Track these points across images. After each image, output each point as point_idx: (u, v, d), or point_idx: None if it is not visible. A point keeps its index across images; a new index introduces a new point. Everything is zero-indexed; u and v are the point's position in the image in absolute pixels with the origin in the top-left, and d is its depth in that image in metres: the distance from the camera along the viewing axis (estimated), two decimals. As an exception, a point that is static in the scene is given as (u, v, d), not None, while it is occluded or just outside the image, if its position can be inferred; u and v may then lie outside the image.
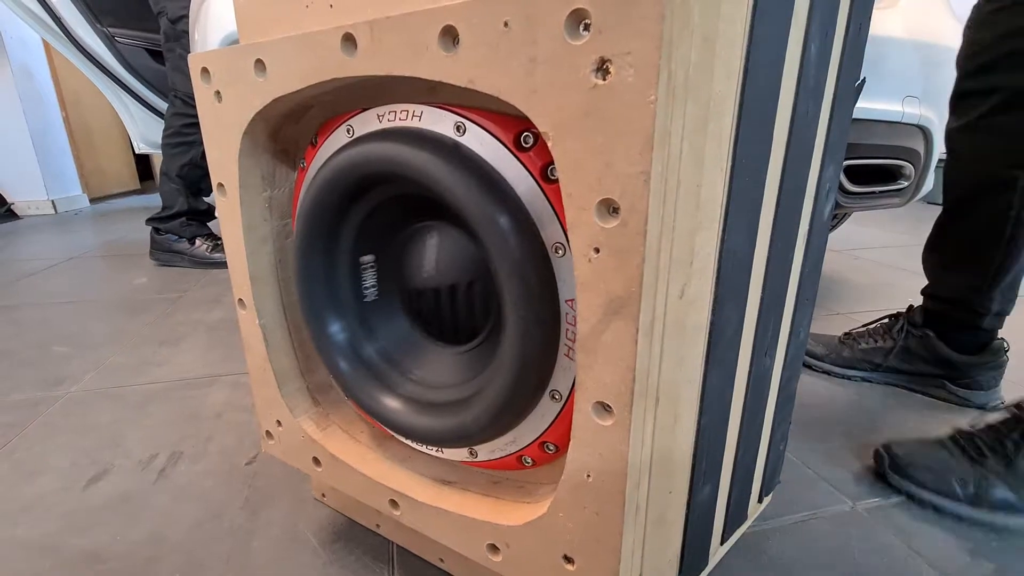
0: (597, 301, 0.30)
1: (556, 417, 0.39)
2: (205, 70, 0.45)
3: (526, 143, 0.34)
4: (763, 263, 0.44)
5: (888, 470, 0.67)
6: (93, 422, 0.87)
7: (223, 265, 1.79)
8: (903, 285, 1.54)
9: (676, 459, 0.40)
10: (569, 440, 0.36)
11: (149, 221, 1.80)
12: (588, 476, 0.34)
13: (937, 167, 1.40)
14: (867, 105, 1.07)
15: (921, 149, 1.23)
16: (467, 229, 0.42)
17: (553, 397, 0.39)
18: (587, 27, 0.26)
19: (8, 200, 2.90)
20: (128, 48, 2.08)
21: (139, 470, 0.75)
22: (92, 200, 3.33)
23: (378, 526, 0.61)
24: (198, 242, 1.79)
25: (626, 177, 0.27)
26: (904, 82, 1.12)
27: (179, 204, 1.76)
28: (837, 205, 1.18)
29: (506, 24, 0.28)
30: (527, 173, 0.35)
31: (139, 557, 0.60)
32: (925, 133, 1.21)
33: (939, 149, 1.27)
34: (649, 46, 0.25)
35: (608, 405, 0.32)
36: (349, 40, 0.35)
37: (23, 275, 1.76)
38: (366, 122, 0.42)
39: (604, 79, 0.26)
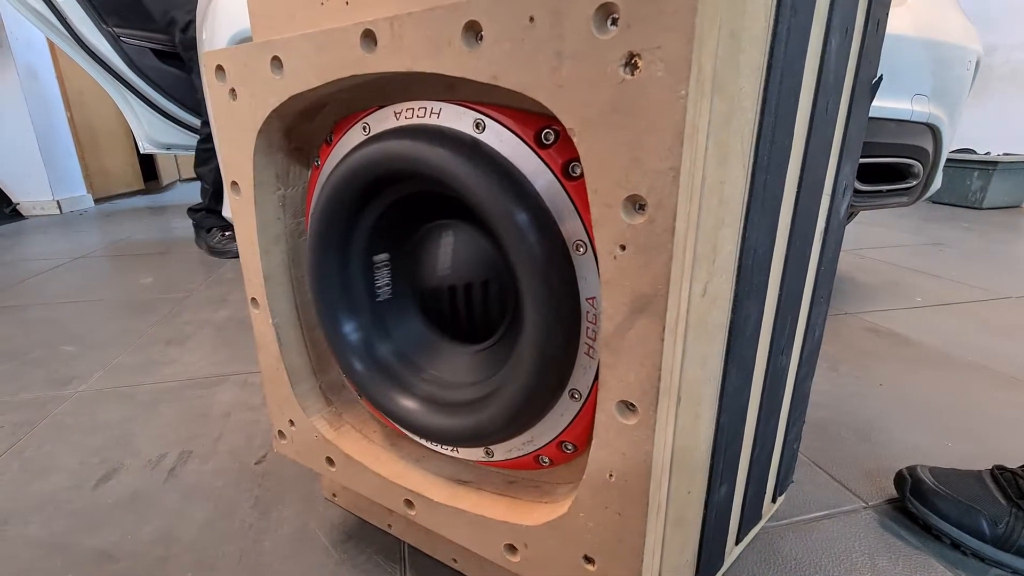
0: (622, 299, 0.30)
1: (575, 416, 0.39)
2: (220, 67, 0.45)
3: (547, 140, 0.34)
4: (781, 260, 0.44)
5: (908, 495, 0.62)
6: (102, 421, 0.87)
7: (230, 255, 1.91)
8: (909, 284, 1.53)
9: (695, 459, 0.40)
10: (588, 439, 0.36)
11: (188, 211, 2.03)
12: (610, 476, 0.34)
13: (945, 166, 1.39)
14: (876, 103, 1.07)
15: (930, 148, 1.22)
16: (484, 227, 0.42)
17: (572, 396, 0.38)
18: (615, 21, 0.26)
19: (13, 200, 2.90)
20: (133, 48, 2.08)
21: (149, 469, 0.75)
22: (97, 200, 3.34)
23: (390, 526, 0.61)
24: (213, 232, 1.96)
25: (654, 173, 0.27)
26: (913, 80, 1.11)
27: (206, 200, 1.95)
28: (845, 204, 1.17)
29: (531, 19, 0.28)
30: (548, 170, 0.34)
31: (150, 556, 0.59)
32: (934, 131, 1.20)
33: (948, 148, 1.27)
34: (681, 40, 0.24)
35: (632, 404, 0.32)
36: (369, 36, 0.35)
37: (29, 275, 1.76)
38: (383, 119, 0.41)
39: (632, 74, 0.26)
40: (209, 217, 1.95)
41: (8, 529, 0.64)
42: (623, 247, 0.29)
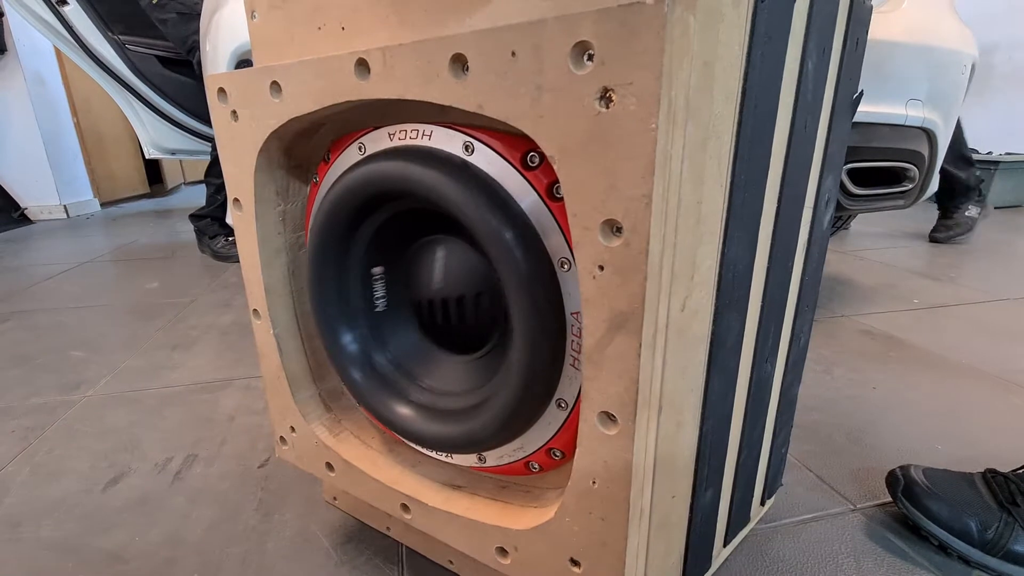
0: (601, 316, 0.32)
1: (562, 425, 0.40)
2: (222, 90, 0.47)
3: (532, 162, 0.36)
4: (763, 273, 0.45)
5: (900, 495, 0.62)
6: (110, 425, 0.89)
7: (234, 259, 1.93)
8: (906, 286, 1.54)
9: (679, 465, 0.41)
10: (575, 446, 0.37)
11: (191, 217, 2.06)
12: (594, 483, 0.36)
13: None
14: (871, 108, 1.08)
15: (925, 152, 1.23)
16: (475, 243, 0.44)
17: (559, 405, 0.40)
18: (591, 57, 0.28)
19: (21, 205, 2.94)
20: (138, 55, 2.11)
21: (156, 473, 0.77)
22: (103, 204, 3.38)
23: (388, 528, 0.63)
24: (217, 237, 2.00)
25: (629, 199, 0.28)
26: (907, 85, 1.12)
27: (211, 209, 1.99)
28: (841, 208, 1.18)
29: (513, 54, 0.30)
30: (533, 191, 0.36)
31: (158, 558, 0.62)
32: (929, 136, 1.21)
33: (944, 151, 1.28)
34: (649, 77, 0.26)
35: (613, 415, 0.33)
36: (362, 65, 0.37)
37: (38, 280, 1.79)
38: (377, 140, 0.43)
39: (607, 107, 0.28)
40: (213, 224, 1.99)
41: (22, 531, 0.66)
42: (601, 267, 0.31)
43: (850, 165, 1.15)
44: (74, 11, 1.98)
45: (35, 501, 0.71)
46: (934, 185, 1.33)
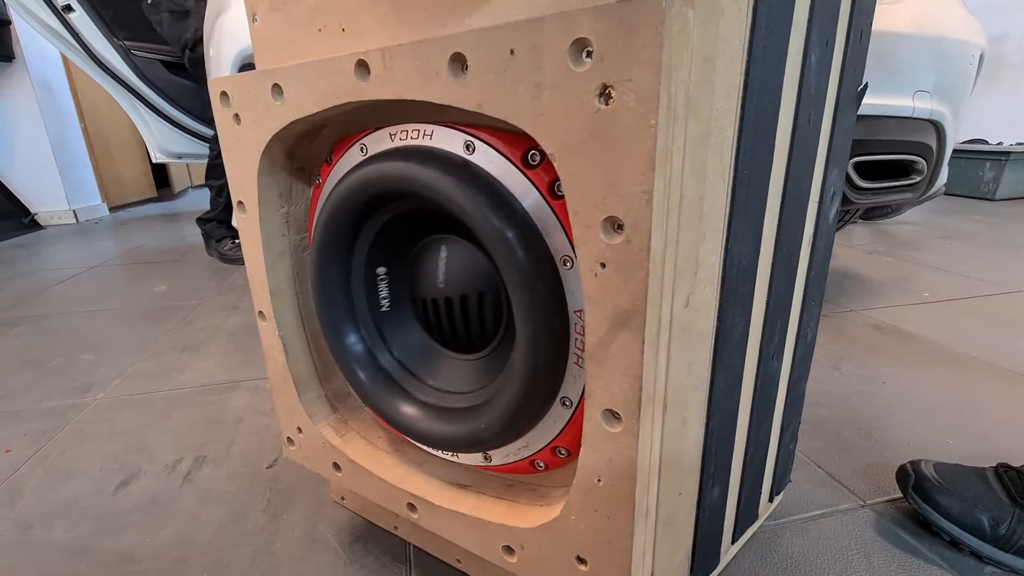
0: (604, 314, 0.32)
1: (567, 423, 0.40)
2: (224, 94, 0.47)
3: (533, 161, 0.36)
4: (768, 269, 0.45)
5: (910, 490, 0.62)
6: (121, 428, 0.90)
7: (241, 262, 1.95)
8: (917, 279, 1.52)
9: (685, 462, 0.41)
10: (580, 445, 0.37)
11: (198, 220, 2.08)
12: (599, 480, 0.36)
13: (957, 158, 1.38)
14: (877, 101, 1.07)
15: (933, 144, 1.22)
16: (478, 242, 0.44)
17: (564, 404, 0.40)
18: (589, 54, 0.28)
19: (32, 211, 2.98)
20: (144, 60, 2.13)
21: (166, 474, 0.77)
22: (111, 209, 3.41)
23: (396, 528, 0.63)
24: (223, 240, 2.02)
25: (629, 196, 0.28)
26: (914, 77, 1.11)
27: (216, 212, 2.01)
28: (848, 201, 1.17)
29: (512, 52, 0.30)
30: (535, 189, 0.36)
31: (168, 558, 0.62)
32: (937, 127, 1.20)
33: (952, 143, 1.26)
34: (649, 73, 0.26)
35: (617, 412, 0.33)
36: (362, 66, 0.37)
37: (49, 285, 1.81)
38: (379, 141, 0.43)
39: (607, 104, 0.28)
40: (219, 227, 2.01)
41: (34, 533, 0.67)
42: (603, 265, 0.31)
43: (856, 159, 1.14)
44: (80, 17, 2.00)
45: (47, 503, 0.72)
46: (943, 177, 1.32)
